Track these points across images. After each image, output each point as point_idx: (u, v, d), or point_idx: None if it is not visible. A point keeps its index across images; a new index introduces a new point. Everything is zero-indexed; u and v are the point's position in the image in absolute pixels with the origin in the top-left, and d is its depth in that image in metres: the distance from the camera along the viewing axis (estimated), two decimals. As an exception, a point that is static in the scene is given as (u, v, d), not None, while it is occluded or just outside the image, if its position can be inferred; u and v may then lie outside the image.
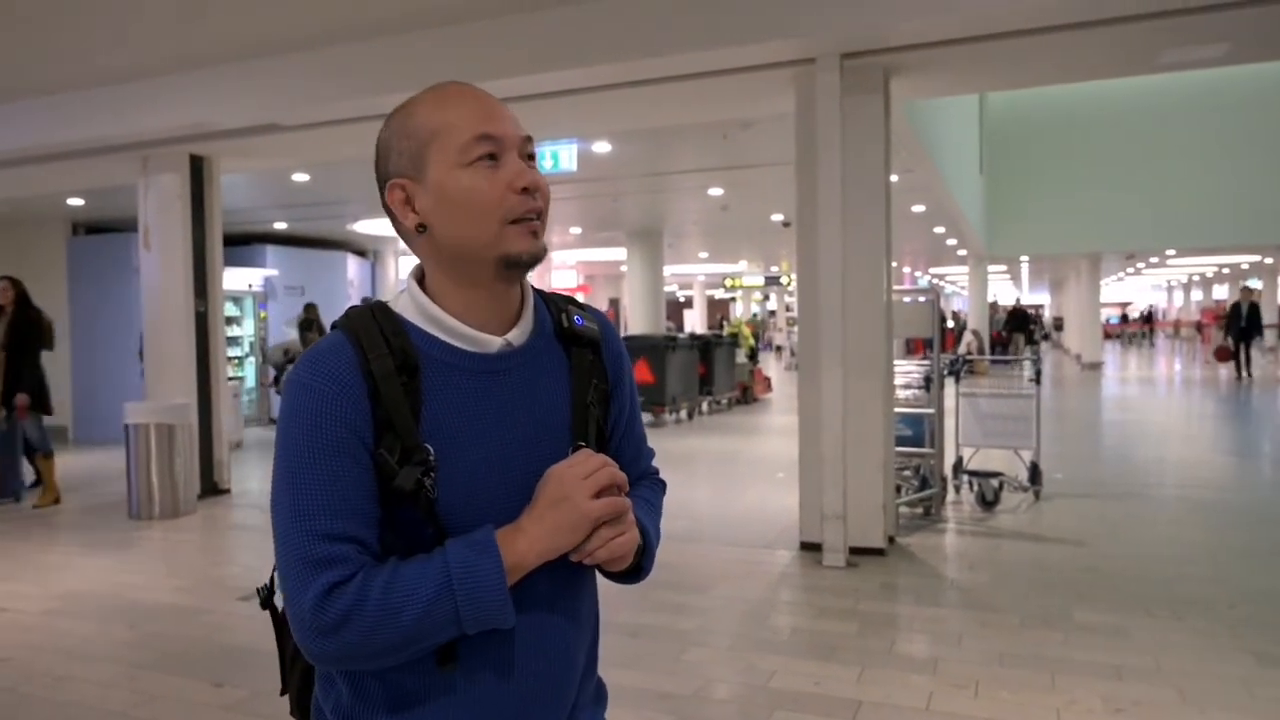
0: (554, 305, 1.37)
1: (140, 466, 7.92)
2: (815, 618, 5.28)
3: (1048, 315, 52.79)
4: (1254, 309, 21.73)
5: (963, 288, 38.93)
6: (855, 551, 6.38)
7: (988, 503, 7.91)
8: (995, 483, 7.98)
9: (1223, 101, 20.87)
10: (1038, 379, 8.37)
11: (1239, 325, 21.74)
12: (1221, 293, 45.53)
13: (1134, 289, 56.26)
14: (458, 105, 1.24)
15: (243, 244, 15.77)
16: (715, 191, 12.97)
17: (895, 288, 7.16)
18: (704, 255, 25.65)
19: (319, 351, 1.19)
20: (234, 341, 15.12)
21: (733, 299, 49.86)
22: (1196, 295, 49.03)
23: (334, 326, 1.24)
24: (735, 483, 9.45)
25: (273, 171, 10.61)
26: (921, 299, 8.43)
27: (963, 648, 4.73)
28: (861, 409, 6.50)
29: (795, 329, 29.93)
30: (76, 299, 13.69)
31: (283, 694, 1.41)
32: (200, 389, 8.77)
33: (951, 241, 22.57)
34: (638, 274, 18.51)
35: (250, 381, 15.33)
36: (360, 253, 18.83)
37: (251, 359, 15.28)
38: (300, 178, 10.96)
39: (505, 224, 1.21)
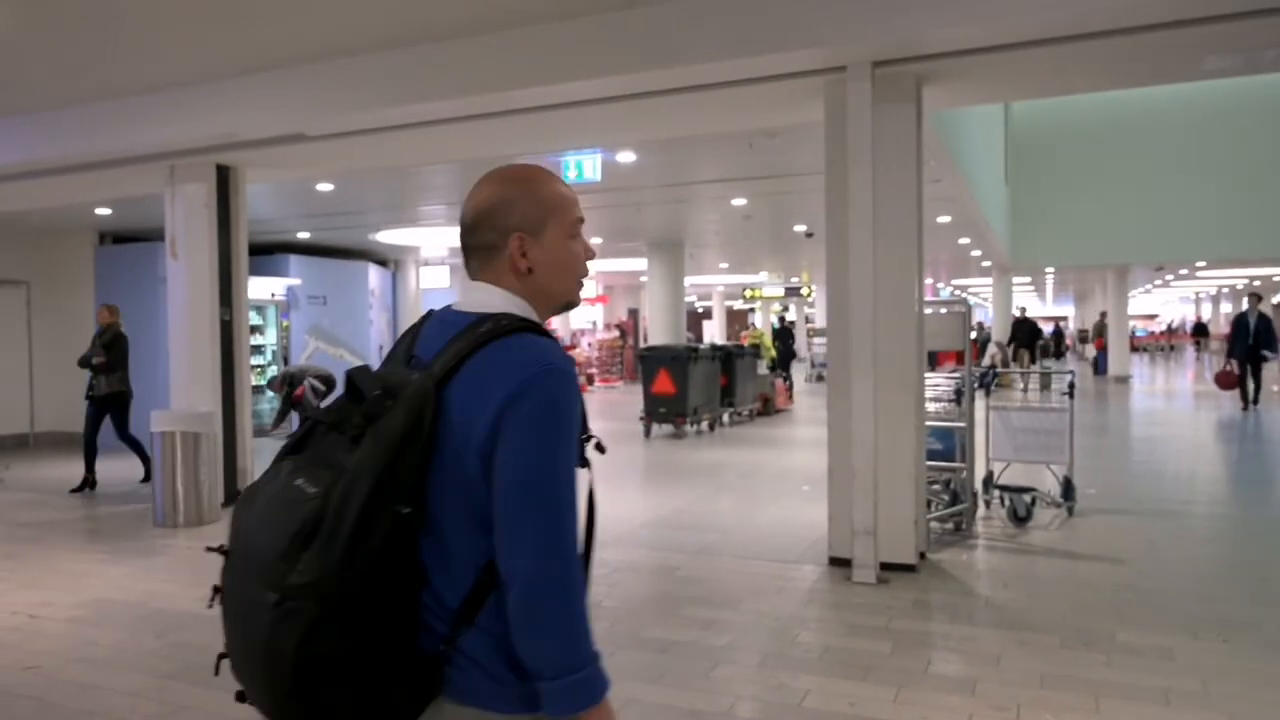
0: None
1: (166, 474, 7.91)
2: (847, 635, 5.17)
3: (1071, 327, 52.24)
4: (1265, 322, 17.03)
5: (985, 299, 38.58)
6: (886, 567, 6.25)
7: (1020, 519, 7.75)
8: (1028, 498, 7.81)
9: (1255, 111, 20.55)
10: (1071, 393, 8.19)
11: (1245, 343, 16.91)
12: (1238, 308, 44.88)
13: (1160, 301, 55.67)
14: (564, 190, 1.69)
15: (266, 253, 15.75)
16: (738, 202, 12.88)
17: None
18: (724, 266, 25.54)
19: (566, 367, 1.52)
20: (257, 350, 15.14)
21: (752, 310, 49.63)
22: (1226, 308, 48.48)
23: (539, 334, 1.56)
24: (761, 496, 9.33)
25: (297, 182, 10.59)
26: (952, 310, 8.32)
27: (1001, 668, 4.61)
28: (893, 422, 6.38)
29: (815, 340, 30.13)
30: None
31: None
32: (225, 397, 8.73)
33: (976, 252, 22.32)
34: (658, 284, 18.43)
35: (271, 392, 15.30)
36: (382, 262, 18.84)
37: (274, 367, 15.27)
38: (324, 188, 10.96)
39: (579, 280, 1.71)
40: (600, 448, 1.64)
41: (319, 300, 15.95)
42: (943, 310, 8.29)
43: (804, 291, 31.26)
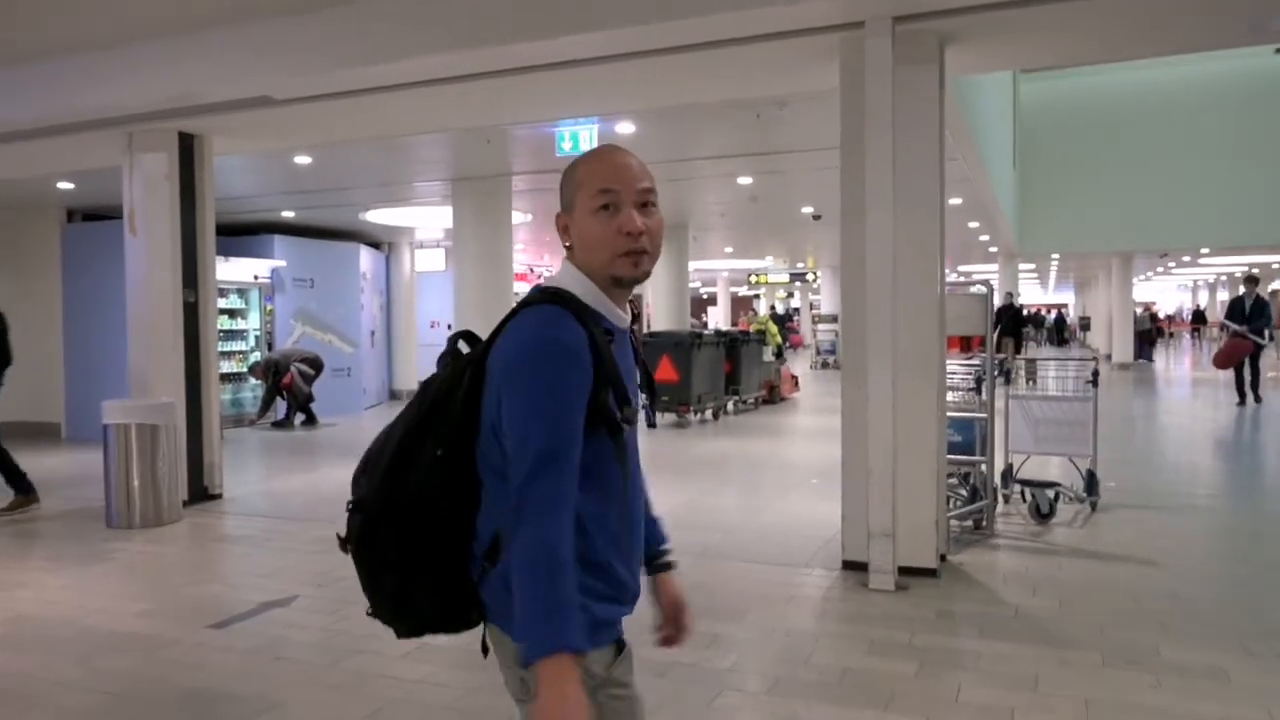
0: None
1: (119, 471, 7.29)
2: (867, 654, 4.60)
3: (1072, 315, 51.95)
4: (1260, 305, 15.34)
5: (991, 286, 38.04)
6: (905, 571, 5.71)
7: (1043, 515, 7.24)
8: (1051, 493, 7.31)
9: (1261, 95, 20.26)
10: (1094, 381, 7.64)
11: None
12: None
13: (1158, 289, 55.30)
14: (597, 164, 1.76)
15: (249, 233, 15.17)
16: (744, 180, 12.25)
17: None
18: (729, 250, 24.90)
19: (562, 330, 1.64)
20: (239, 335, 14.53)
21: (756, 295, 49.12)
22: (1223, 295, 48.18)
23: (552, 302, 1.68)
24: (767, 490, 8.74)
25: (272, 154, 9.95)
26: (972, 292, 7.71)
27: (1040, 693, 4.08)
28: (912, 414, 5.83)
29: (820, 327, 29.69)
30: (71, 289, 13.11)
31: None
32: (189, 386, 8.12)
33: (984, 238, 21.77)
34: (661, 268, 17.79)
35: (253, 378, 14.71)
36: (375, 244, 18.20)
37: (257, 354, 14.65)
38: (302, 160, 10.29)
39: (617, 255, 1.71)
40: (629, 420, 1.73)
41: (306, 283, 15.32)
42: (962, 292, 7.69)
43: (809, 277, 30.64)
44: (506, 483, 1.62)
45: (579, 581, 1.61)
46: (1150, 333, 29.12)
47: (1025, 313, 26.31)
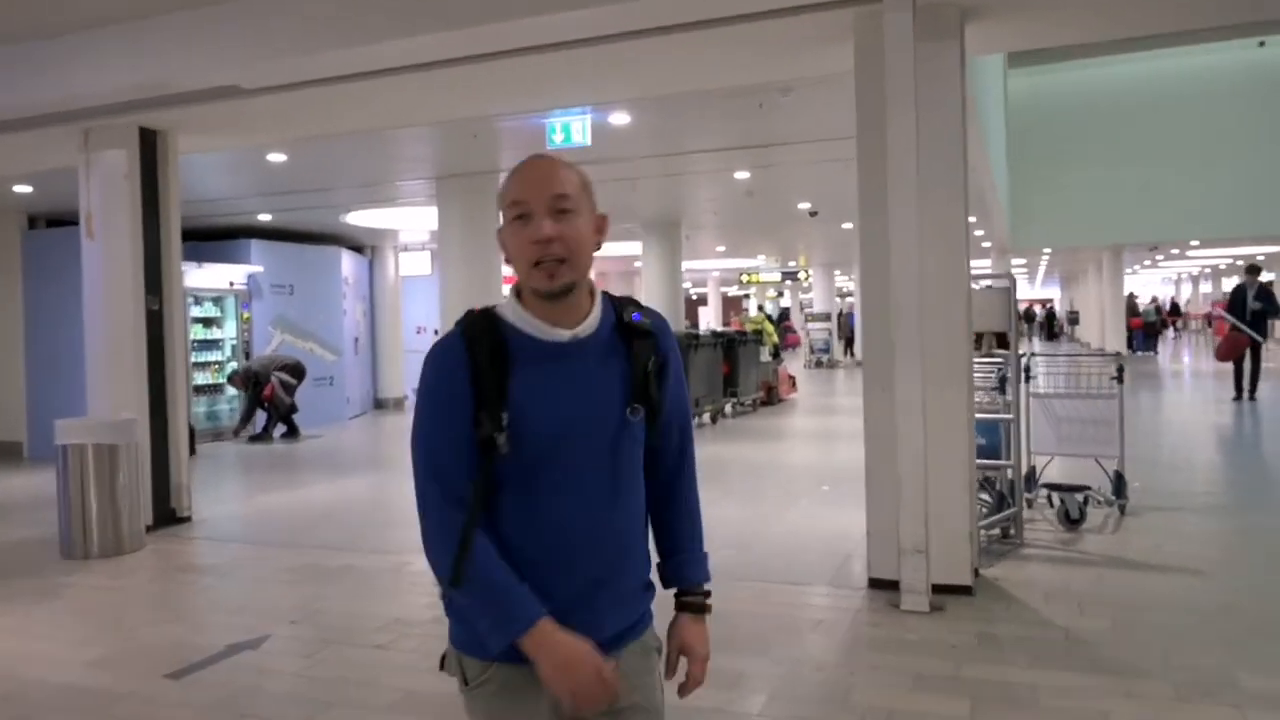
0: (619, 306, 1.83)
1: (75, 496, 6.68)
2: (912, 691, 4.09)
3: (1059, 309, 51.92)
4: (1265, 293, 14.67)
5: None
6: (937, 589, 5.20)
7: (1072, 521, 6.78)
8: (1080, 498, 6.83)
9: (1247, 87, 20.18)
10: (1120, 377, 7.17)
11: (1244, 319, 14.39)
12: (1231, 285, 44.60)
13: (1143, 282, 55.28)
14: (513, 175, 1.74)
15: (225, 238, 14.56)
16: (741, 175, 11.71)
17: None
18: (721, 249, 24.36)
19: (444, 341, 1.75)
20: (215, 345, 13.91)
21: (746, 295, 48.62)
22: (1206, 288, 48.10)
23: (457, 323, 1.75)
24: (776, 499, 8.22)
25: (244, 152, 9.35)
26: (995, 285, 7.21)
27: (1115, 735, 3.56)
28: (942, 418, 5.34)
29: (812, 326, 29.22)
30: (33, 299, 12.43)
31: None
32: (154, 400, 7.52)
33: (979, 232, 21.31)
34: (654, 269, 17.28)
35: (232, 389, 14.08)
36: (357, 249, 17.60)
37: (234, 364, 14.03)
38: (276, 158, 9.69)
39: (530, 267, 1.69)
40: (489, 438, 1.68)
41: (284, 289, 14.70)
42: (984, 286, 7.21)
43: (801, 275, 30.15)
44: None
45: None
46: (1155, 325, 28.83)
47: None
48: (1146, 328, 28.45)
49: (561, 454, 1.70)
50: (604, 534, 1.75)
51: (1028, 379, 7.48)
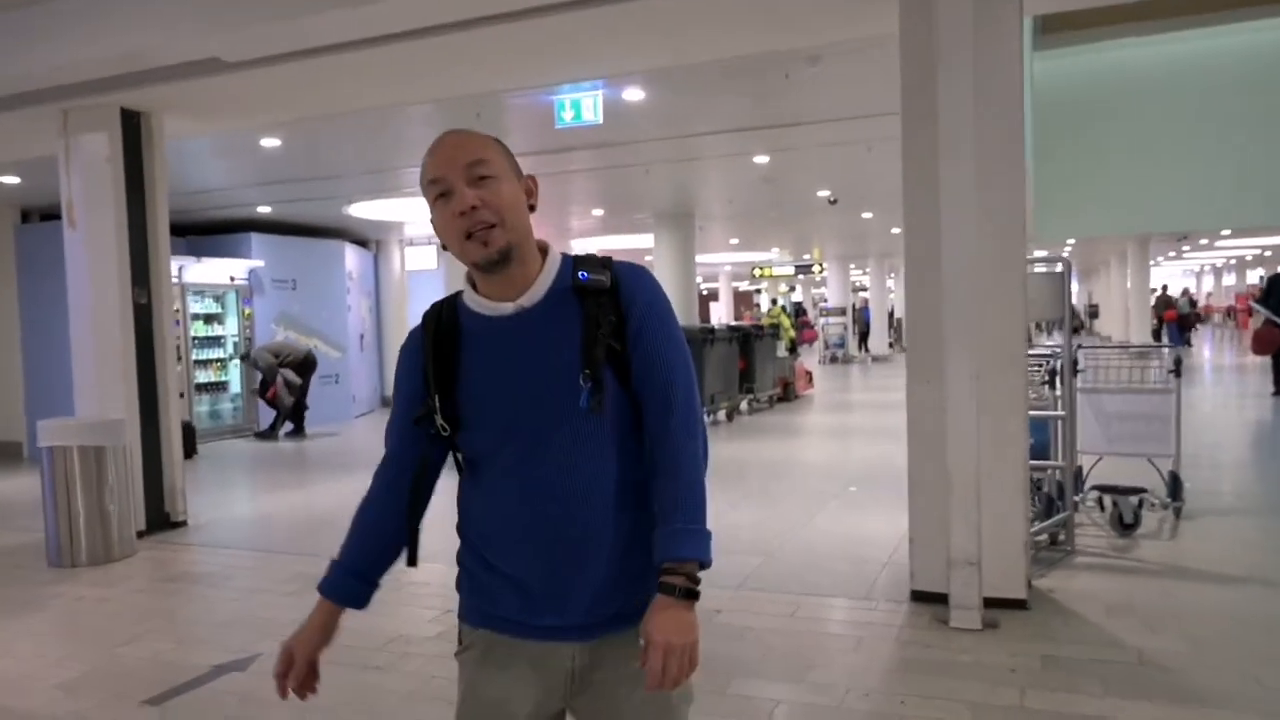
0: (575, 266, 1.72)
1: (60, 501, 6.25)
2: (974, 726, 3.58)
3: (1076, 302, 51.26)
4: None
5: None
6: (989, 603, 4.70)
7: (1126, 526, 6.25)
8: (1134, 500, 6.31)
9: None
10: (1177, 370, 6.65)
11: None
12: (1255, 278, 44.24)
13: (1164, 275, 54.66)
14: (427, 157, 1.68)
15: (224, 231, 14.15)
16: (760, 159, 11.21)
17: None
18: (735, 242, 23.84)
19: (411, 332, 1.82)
20: (216, 342, 13.49)
21: (758, 290, 48.10)
22: (1229, 280, 47.36)
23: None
24: (803, 502, 7.71)
25: (236, 137, 8.91)
26: (1047, 269, 6.73)
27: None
28: (996, 416, 4.81)
29: (828, 320, 28.76)
30: (29, 295, 12.02)
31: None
32: (144, 400, 7.09)
33: (1004, 220, 20.74)
34: (666, 261, 16.76)
35: (236, 386, 13.66)
36: (361, 243, 17.17)
37: (235, 361, 13.61)
38: (270, 143, 9.23)
39: (463, 240, 1.63)
40: (421, 420, 1.73)
41: (287, 284, 14.27)
42: (1035, 270, 6.74)
43: (815, 269, 29.64)
44: None
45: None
46: (1190, 318, 28.23)
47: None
48: (1180, 320, 27.85)
49: (509, 434, 1.66)
50: (559, 519, 1.65)
51: (1075, 373, 7.00)
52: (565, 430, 1.64)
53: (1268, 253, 37.27)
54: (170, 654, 4.67)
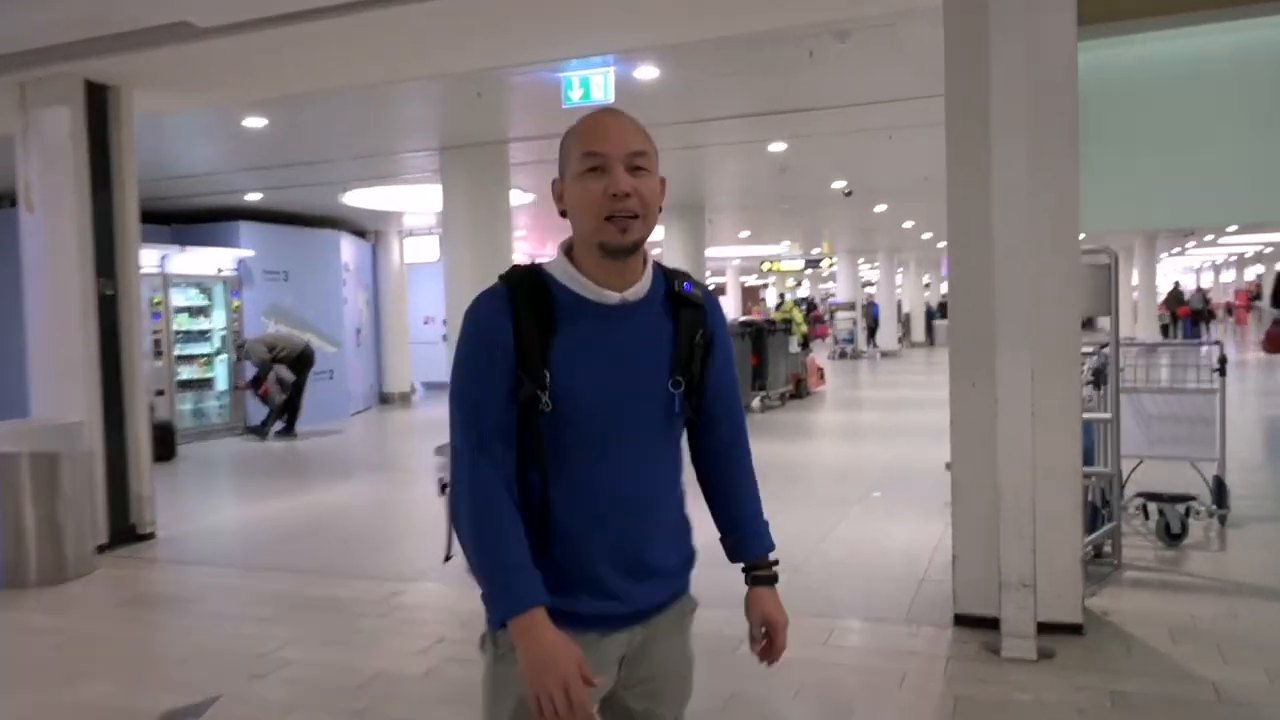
0: (670, 276, 1.78)
1: (8, 515, 5.63)
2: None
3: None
4: None
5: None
6: (1042, 628, 4.21)
7: (1173, 535, 5.79)
8: (1182, 508, 5.86)
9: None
10: (1222, 369, 6.18)
11: None
12: (1252, 275, 43.88)
13: (1163, 271, 54.18)
14: (587, 125, 1.69)
15: (211, 220, 13.53)
16: (776, 147, 10.59)
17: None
18: (745, 235, 23.20)
19: (486, 294, 1.70)
20: (203, 336, 12.88)
21: (765, 285, 47.46)
22: (1227, 276, 46.81)
23: (501, 278, 1.71)
24: (824, 507, 7.14)
25: (217, 116, 8.30)
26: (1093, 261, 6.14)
27: None
28: (1050, 421, 4.31)
29: (838, 315, 28.20)
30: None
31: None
32: (108, 400, 6.49)
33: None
34: (676, 254, 16.14)
35: (222, 384, 13.05)
36: (359, 233, 16.56)
37: (223, 356, 13.00)
38: (255, 123, 8.59)
39: (601, 220, 1.63)
40: (531, 398, 1.65)
41: (279, 276, 13.65)
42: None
43: (825, 263, 29.01)
44: None
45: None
46: (1203, 313, 27.66)
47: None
48: (1195, 315, 27.34)
49: (600, 420, 1.68)
50: (635, 505, 1.72)
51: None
52: (649, 428, 1.72)
53: (1268, 249, 36.75)
54: (113, 698, 4.07)
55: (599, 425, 1.67)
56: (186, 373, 12.55)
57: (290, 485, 9.29)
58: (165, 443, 10.69)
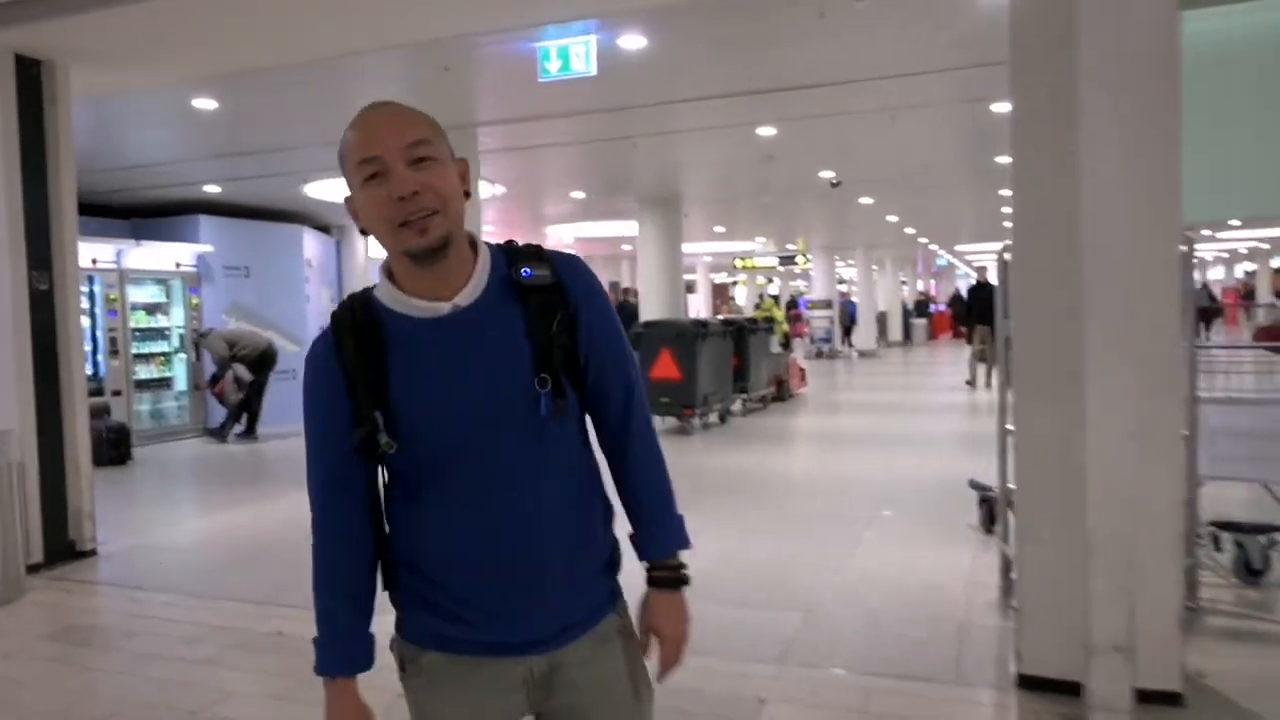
0: (511, 259, 1.59)
1: (-77, 533, 5.05)
2: None
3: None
4: None
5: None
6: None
7: (1253, 572, 5.05)
8: (1264, 540, 5.14)
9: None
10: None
11: None
12: (1241, 273, 43.80)
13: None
14: (355, 131, 1.49)
15: (169, 213, 12.88)
16: (765, 131, 10.08)
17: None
18: (720, 230, 22.69)
19: (316, 340, 1.59)
20: (160, 334, 12.21)
21: (735, 282, 46.99)
22: (1215, 274, 46.83)
23: (331, 314, 1.58)
24: (831, 530, 6.54)
25: (164, 97, 7.69)
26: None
27: None
28: (1150, 446, 3.54)
29: (814, 313, 27.74)
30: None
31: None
32: (42, 405, 5.90)
33: (1008, 209, 19.78)
34: (651, 249, 15.63)
35: (181, 383, 12.39)
36: (323, 229, 15.92)
37: (182, 355, 12.34)
38: (205, 104, 7.96)
39: (396, 227, 1.46)
40: (363, 444, 1.55)
41: (239, 272, 13.00)
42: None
43: (800, 260, 28.56)
44: None
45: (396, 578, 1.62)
46: (1210, 312, 27.32)
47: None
48: (1201, 312, 27.13)
49: (456, 445, 1.52)
50: (515, 527, 1.54)
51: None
52: (520, 441, 1.54)
53: (1265, 244, 36.73)
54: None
55: (456, 451, 1.52)
56: (144, 372, 11.90)
57: (248, 493, 8.67)
58: (121, 446, 10.08)
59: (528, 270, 1.56)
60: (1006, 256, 5.04)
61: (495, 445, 1.52)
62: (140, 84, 6.84)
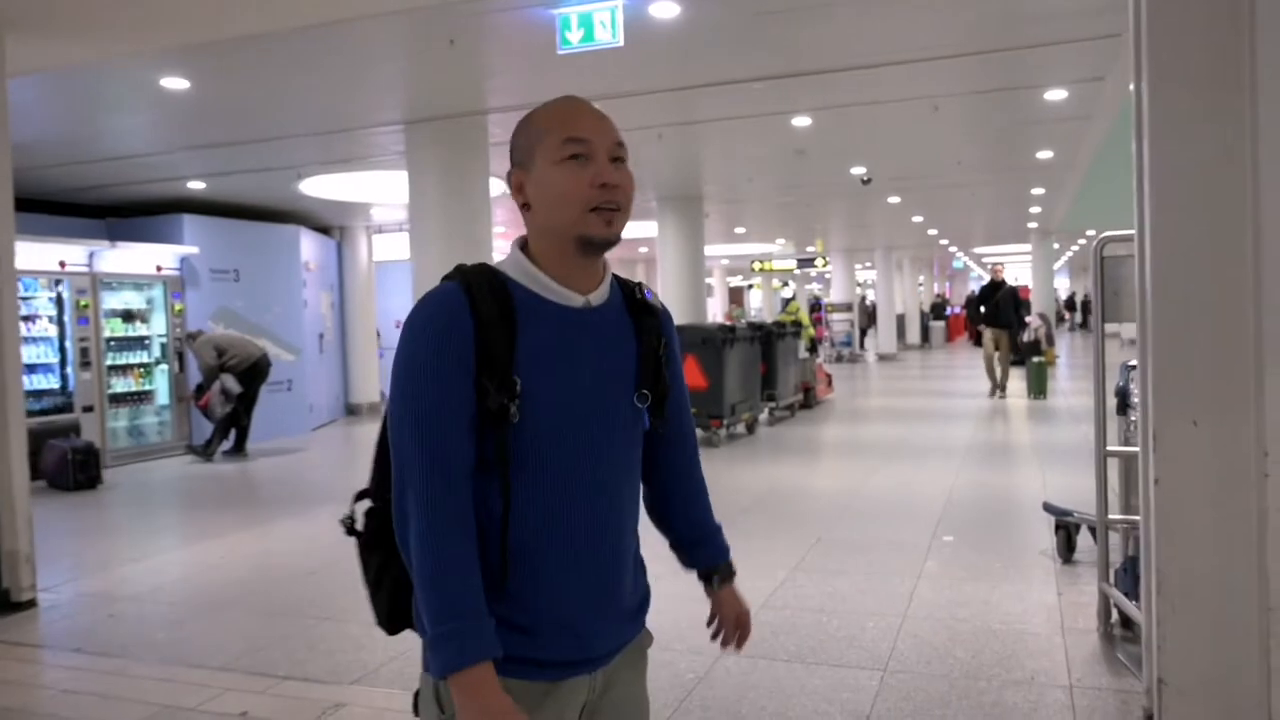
0: (626, 284, 1.65)
1: None
2: None
3: (1063, 298, 50.03)
4: None
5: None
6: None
7: None
8: None
9: None
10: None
11: None
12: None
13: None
14: (564, 109, 1.53)
15: (150, 212, 12.06)
16: (800, 121, 9.15)
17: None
18: (741, 231, 21.72)
19: (435, 294, 1.48)
20: (139, 344, 11.33)
21: (750, 286, 46.18)
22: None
23: (446, 278, 1.50)
24: (885, 560, 5.70)
25: (128, 75, 6.79)
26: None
27: None
28: None
29: (833, 317, 26.95)
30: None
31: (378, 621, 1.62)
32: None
33: (1035, 209, 18.90)
34: (672, 251, 14.72)
35: (163, 397, 11.50)
36: (323, 229, 15.08)
37: (163, 367, 11.46)
38: (176, 85, 7.03)
39: (585, 211, 1.48)
40: (495, 405, 1.45)
41: (228, 275, 12.12)
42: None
43: (819, 262, 27.71)
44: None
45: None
46: None
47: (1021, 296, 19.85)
48: None
49: (572, 434, 1.50)
50: (610, 532, 1.56)
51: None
52: (621, 443, 1.58)
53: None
54: None
55: (571, 439, 1.50)
56: (120, 385, 11.00)
57: (229, 522, 7.71)
58: (87, 468, 9.18)
59: (650, 292, 1.66)
60: (1105, 252, 4.43)
61: (603, 443, 1.53)
62: (89, 56, 5.90)
